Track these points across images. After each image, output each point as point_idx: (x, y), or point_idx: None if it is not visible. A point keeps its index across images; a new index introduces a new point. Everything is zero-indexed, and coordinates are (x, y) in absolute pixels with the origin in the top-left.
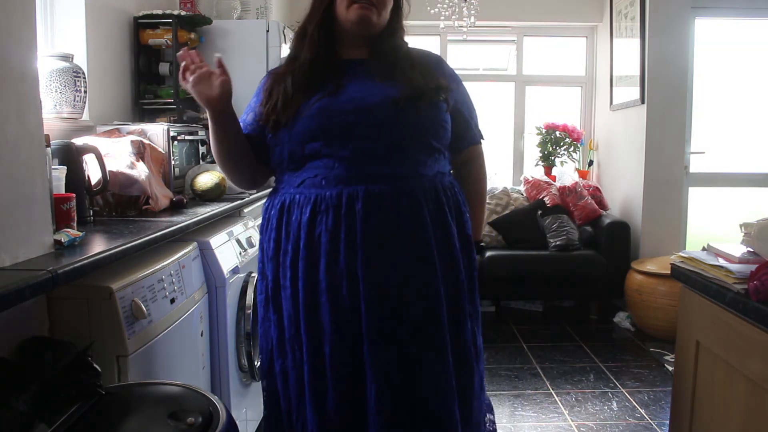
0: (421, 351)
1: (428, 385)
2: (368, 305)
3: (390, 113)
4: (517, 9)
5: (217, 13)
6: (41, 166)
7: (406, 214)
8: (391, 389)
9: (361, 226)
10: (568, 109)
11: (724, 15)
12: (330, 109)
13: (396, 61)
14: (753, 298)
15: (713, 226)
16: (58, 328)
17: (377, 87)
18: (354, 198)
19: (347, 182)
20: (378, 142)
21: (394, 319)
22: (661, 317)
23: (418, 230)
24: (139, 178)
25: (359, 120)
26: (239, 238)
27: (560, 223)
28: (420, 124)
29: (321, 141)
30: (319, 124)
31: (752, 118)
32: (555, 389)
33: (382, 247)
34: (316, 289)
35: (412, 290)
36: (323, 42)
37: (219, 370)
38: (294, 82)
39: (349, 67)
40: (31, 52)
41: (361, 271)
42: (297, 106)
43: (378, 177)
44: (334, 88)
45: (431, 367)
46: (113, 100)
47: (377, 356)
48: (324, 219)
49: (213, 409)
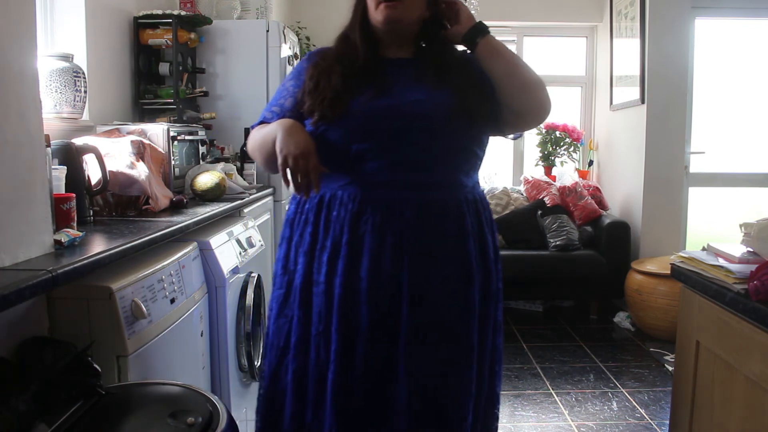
0: (453, 357)
1: (453, 389)
2: (410, 309)
3: (440, 121)
4: (517, 9)
5: (217, 13)
6: (41, 166)
7: (451, 225)
8: (421, 391)
9: (408, 233)
10: (568, 109)
11: (724, 15)
12: (381, 112)
13: (444, 64)
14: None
15: (713, 226)
16: (58, 328)
17: (427, 92)
18: (404, 203)
19: (395, 187)
20: (426, 149)
21: (431, 324)
22: (661, 317)
23: (461, 240)
24: (139, 178)
25: (410, 126)
26: (239, 238)
27: (560, 223)
28: (467, 133)
29: (369, 143)
30: (369, 127)
31: (752, 118)
32: (555, 389)
33: (428, 255)
34: (356, 287)
35: (451, 298)
36: (366, 44)
37: (219, 370)
38: (343, 80)
39: (395, 67)
40: (31, 52)
41: (407, 276)
42: (345, 105)
43: (425, 185)
44: (383, 90)
45: (456, 374)
46: (113, 100)
47: (412, 358)
48: (370, 220)
49: (213, 409)
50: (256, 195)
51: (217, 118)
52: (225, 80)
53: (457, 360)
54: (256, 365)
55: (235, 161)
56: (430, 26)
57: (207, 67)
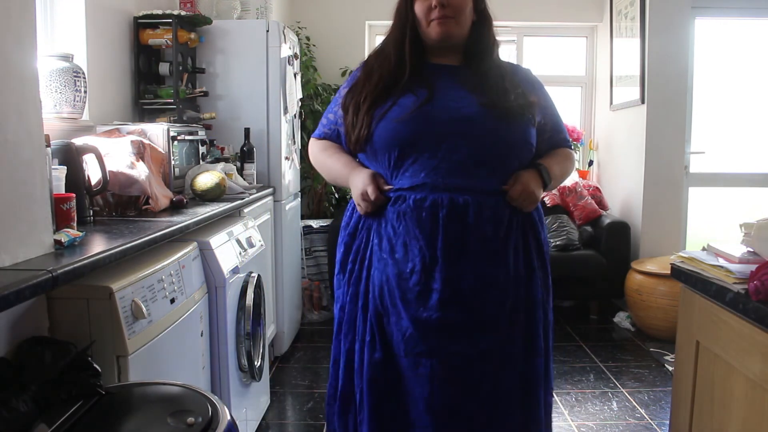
0: (489, 349)
1: (489, 380)
2: (442, 305)
3: (482, 128)
4: (517, 9)
5: (217, 13)
6: (41, 166)
7: (486, 228)
8: (453, 381)
9: (443, 232)
10: (568, 109)
11: (724, 15)
12: (424, 116)
13: (488, 73)
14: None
15: (713, 226)
16: (58, 328)
17: (470, 99)
18: (438, 205)
19: (432, 190)
20: (467, 155)
21: (467, 319)
22: (661, 317)
23: (495, 242)
24: (139, 178)
25: (452, 130)
26: (239, 238)
27: (560, 223)
28: (508, 140)
29: (411, 147)
30: (413, 131)
31: (752, 118)
32: (555, 389)
33: (462, 254)
34: (392, 282)
35: (486, 295)
36: (403, 59)
37: (219, 370)
38: (368, 97)
39: (441, 73)
40: (31, 52)
41: (440, 273)
42: (371, 119)
43: (463, 188)
44: (427, 95)
45: (497, 366)
46: (113, 100)
47: (447, 350)
48: (404, 219)
49: (213, 409)
50: (256, 195)
51: (217, 118)
52: (225, 80)
53: (493, 355)
54: (256, 365)
55: (235, 161)
56: (476, 32)
57: (207, 67)
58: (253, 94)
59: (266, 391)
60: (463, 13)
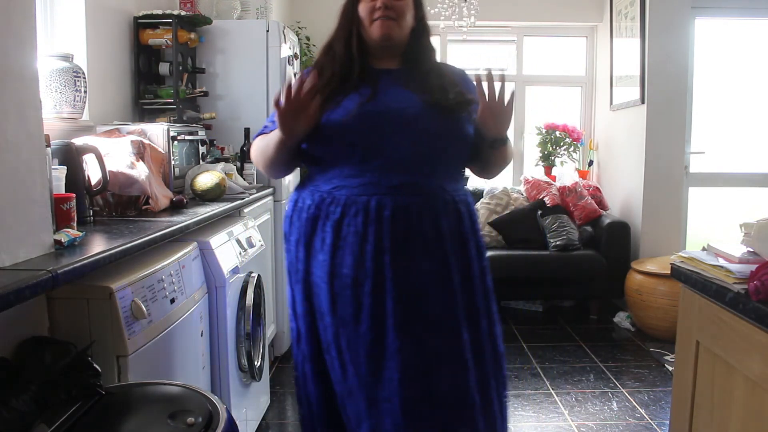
0: (440, 346)
1: (446, 376)
2: (396, 302)
3: (424, 125)
4: (517, 9)
5: (217, 13)
6: (41, 166)
7: (427, 225)
8: (411, 379)
9: (388, 232)
10: (568, 109)
11: (724, 15)
12: (368, 116)
13: (427, 74)
14: (753, 298)
15: (713, 226)
16: (58, 328)
17: (412, 98)
18: (383, 206)
19: (376, 190)
20: (408, 154)
21: (417, 316)
22: (661, 317)
23: (437, 239)
24: (139, 178)
25: (395, 129)
26: (239, 238)
27: (560, 223)
28: (450, 136)
29: (354, 146)
30: (356, 130)
31: (752, 118)
32: (555, 389)
33: (407, 252)
34: (339, 282)
35: (432, 291)
36: (351, 56)
37: (219, 370)
38: (319, 94)
39: (382, 76)
40: (31, 52)
41: (389, 272)
42: (320, 116)
43: (405, 187)
44: (371, 94)
45: (449, 360)
46: (113, 100)
47: (401, 348)
48: (353, 221)
49: (213, 409)
50: (256, 195)
51: (217, 118)
52: (225, 80)
53: (445, 349)
54: (256, 365)
55: (235, 161)
56: (414, 38)
57: (207, 67)
58: (253, 94)
59: (266, 391)
60: (404, 17)
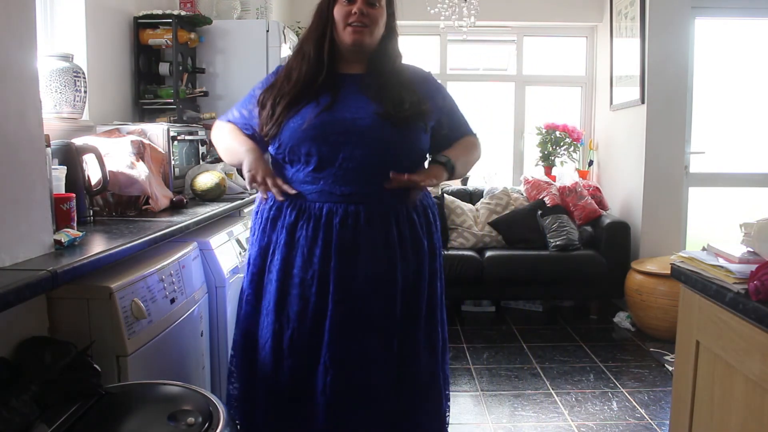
0: (376, 347)
1: (377, 374)
2: (335, 304)
3: (375, 137)
4: (517, 9)
5: (217, 13)
6: (41, 166)
7: (376, 233)
8: (344, 376)
9: (336, 238)
10: (568, 109)
11: (724, 15)
12: (322, 126)
13: (388, 82)
14: (753, 298)
15: (713, 226)
16: (58, 328)
17: (367, 109)
18: (333, 213)
19: (329, 198)
20: (361, 163)
21: (355, 318)
22: (661, 317)
23: (386, 246)
24: (139, 178)
25: (348, 140)
26: (239, 238)
27: (560, 223)
28: (400, 148)
29: (309, 156)
30: (311, 139)
31: (752, 118)
32: (555, 389)
33: (353, 257)
34: (289, 282)
35: (373, 295)
36: (321, 59)
37: (219, 370)
38: (284, 98)
39: (345, 82)
40: (31, 52)
41: (333, 275)
42: (283, 120)
43: (356, 196)
44: (329, 103)
45: (376, 360)
46: (113, 100)
47: (337, 348)
48: (305, 225)
49: (213, 409)
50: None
51: (217, 118)
52: (225, 80)
53: (379, 350)
54: None
55: None
56: (383, 44)
57: (207, 67)
58: None
59: None
60: (377, 24)
